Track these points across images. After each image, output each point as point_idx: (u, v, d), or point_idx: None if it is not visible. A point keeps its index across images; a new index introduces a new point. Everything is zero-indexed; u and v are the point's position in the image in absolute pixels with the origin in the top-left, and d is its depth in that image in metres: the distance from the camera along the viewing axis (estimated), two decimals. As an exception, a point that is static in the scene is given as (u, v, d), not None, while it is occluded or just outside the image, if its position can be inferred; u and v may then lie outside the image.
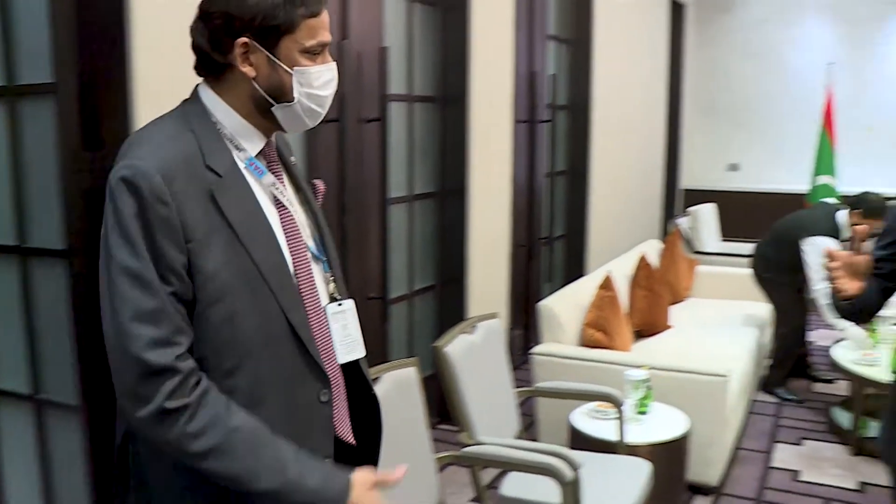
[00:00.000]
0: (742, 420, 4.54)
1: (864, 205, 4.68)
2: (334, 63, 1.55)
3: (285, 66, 1.49)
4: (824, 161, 7.86)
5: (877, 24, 8.97)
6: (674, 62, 8.67)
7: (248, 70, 1.48)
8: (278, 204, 1.55)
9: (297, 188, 1.67)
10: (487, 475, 3.59)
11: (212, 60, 1.49)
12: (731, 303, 5.69)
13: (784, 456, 4.31)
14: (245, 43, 1.45)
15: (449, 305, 4.39)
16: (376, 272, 3.54)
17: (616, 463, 3.05)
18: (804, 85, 9.08)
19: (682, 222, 7.29)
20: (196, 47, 1.50)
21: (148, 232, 1.35)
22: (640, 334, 4.84)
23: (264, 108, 1.51)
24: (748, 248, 7.26)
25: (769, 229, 5.28)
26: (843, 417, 4.53)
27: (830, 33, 9.12)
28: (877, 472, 3.93)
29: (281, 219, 1.55)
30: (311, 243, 1.62)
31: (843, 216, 4.76)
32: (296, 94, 1.51)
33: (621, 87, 6.62)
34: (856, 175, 8.78)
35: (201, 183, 1.42)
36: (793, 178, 9.10)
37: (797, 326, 5.20)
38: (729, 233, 8.23)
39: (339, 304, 1.64)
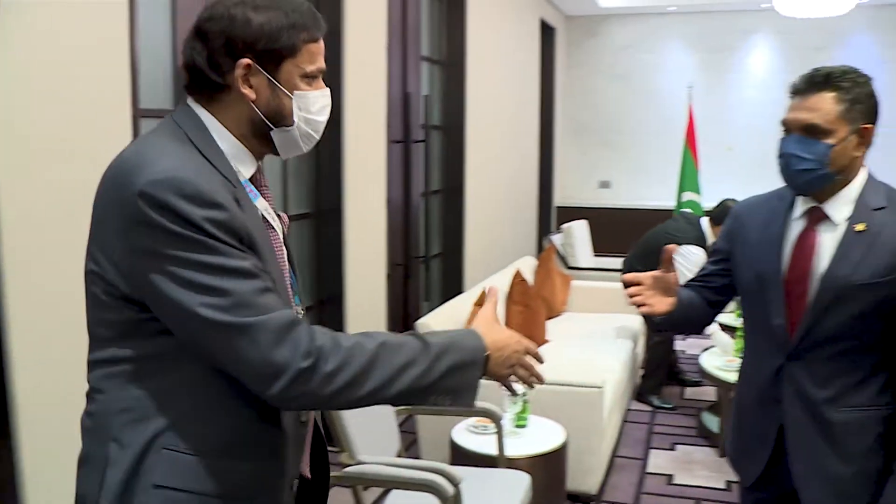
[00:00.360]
0: (618, 429, 4.66)
1: (714, 213, 4.93)
2: (328, 89, 1.54)
3: (286, 90, 1.47)
4: (689, 178, 8.22)
5: (731, 53, 9.49)
6: (545, 83, 8.90)
7: (248, 92, 1.45)
8: (269, 227, 1.53)
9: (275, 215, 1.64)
10: (370, 495, 3.57)
11: (208, 80, 1.45)
12: (605, 316, 5.85)
13: (658, 461, 4.45)
14: (248, 65, 1.43)
15: (328, 326, 4.31)
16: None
17: (496, 476, 3.08)
18: (668, 106, 9.50)
19: (556, 239, 7.47)
20: (190, 66, 1.46)
21: (211, 232, 1.31)
22: (518, 349, 4.90)
23: (261, 131, 1.49)
24: (620, 262, 7.50)
25: (637, 242, 5.48)
26: (712, 421, 4.71)
27: (690, 59, 9.59)
28: (744, 473, 4.10)
29: (272, 242, 1.52)
30: (288, 273, 1.61)
31: (706, 224, 4.99)
32: (295, 119, 1.49)
33: (495, 108, 6.74)
34: (719, 192, 9.14)
35: (226, 190, 1.39)
36: (660, 194, 9.49)
37: (668, 336, 5.40)
38: (601, 248, 8.48)
39: None
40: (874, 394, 1.96)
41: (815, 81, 1.92)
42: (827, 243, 1.98)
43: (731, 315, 5.50)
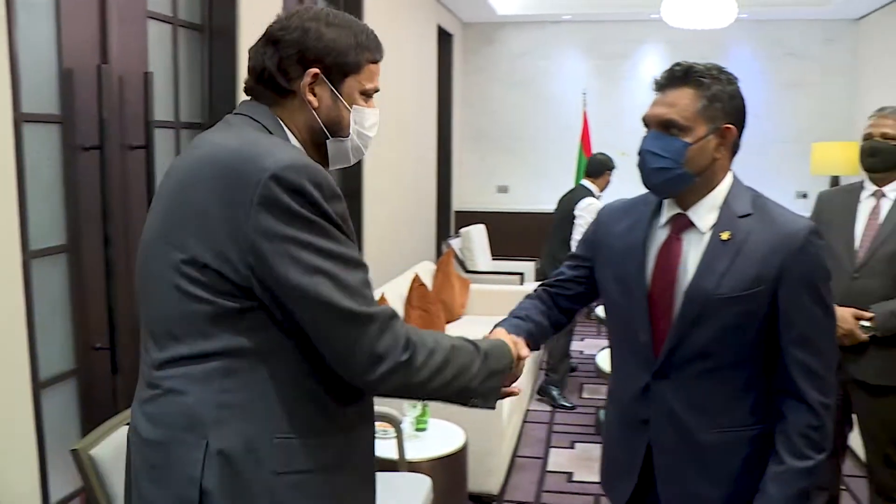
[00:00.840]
0: (518, 429, 4.76)
1: (589, 168, 5.85)
2: (378, 109, 1.67)
3: (346, 103, 1.59)
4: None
5: (624, 60, 9.77)
6: (443, 90, 8.96)
7: (312, 99, 1.56)
8: None
9: None
10: None
11: (276, 84, 1.54)
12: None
13: (559, 460, 4.56)
14: (315, 73, 1.54)
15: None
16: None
17: (397, 480, 3.11)
18: (564, 112, 9.70)
19: (455, 243, 7.54)
20: (259, 69, 1.55)
21: (336, 222, 1.42)
22: (419, 353, 4.95)
23: (319, 139, 1.60)
24: (518, 266, 7.63)
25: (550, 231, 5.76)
26: (607, 420, 4.84)
27: (585, 66, 9.82)
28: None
29: None
30: None
31: (587, 182, 5.78)
32: (350, 131, 1.62)
33: (393, 113, 6.77)
34: (614, 196, 9.42)
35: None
36: (557, 198, 9.67)
37: (569, 329, 5.55)
38: (499, 252, 8.60)
39: None
40: (745, 413, 1.86)
41: (675, 76, 1.84)
42: (692, 253, 1.85)
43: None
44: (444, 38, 8.95)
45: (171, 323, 1.45)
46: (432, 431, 3.55)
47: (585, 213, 5.51)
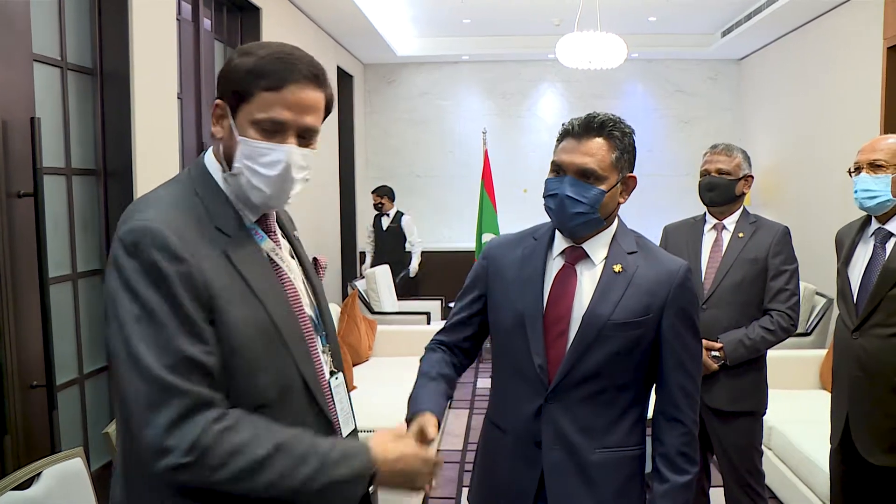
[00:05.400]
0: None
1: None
2: (294, 146, 1.48)
3: (237, 134, 1.46)
4: (488, 220, 8.53)
5: (523, 99, 9.99)
6: (344, 130, 8.96)
7: (216, 130, 1.48)
8: (277, 269, 1.53)
9: (300, 261, 1.65)
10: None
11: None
12: (412, 359, 5.87)
13: (468, 500, 4.52)
14: (218, 104, 1.46)
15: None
16: (38, 358, 3.25)
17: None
18: (466, 150, 9.84)
19: (360, 284, 7.49)
20: None
21: (162, 287, 1.31)
22: (326, 397, 4.87)
23: None
24: (424, 305, 7.63)
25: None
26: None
27: (484, 105, 10.00)
28: None
29: (282, 283, 1.53)
30: (311, 312, 1.60)
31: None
32: (237, 164, 1.46)
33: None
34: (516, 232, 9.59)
35: (213, 242, 1.40)
36: (461, 236, 9.76)
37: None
38: (404, 292, 8.59)
39: (336, 378, 1.63)
40: (625, 434, 1.99)
41: (592, 127, 1.94)
42: (587, 282, 2.00)
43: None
44: (345, 79, 8.97)
45: None
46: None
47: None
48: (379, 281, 7.56)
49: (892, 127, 4.38)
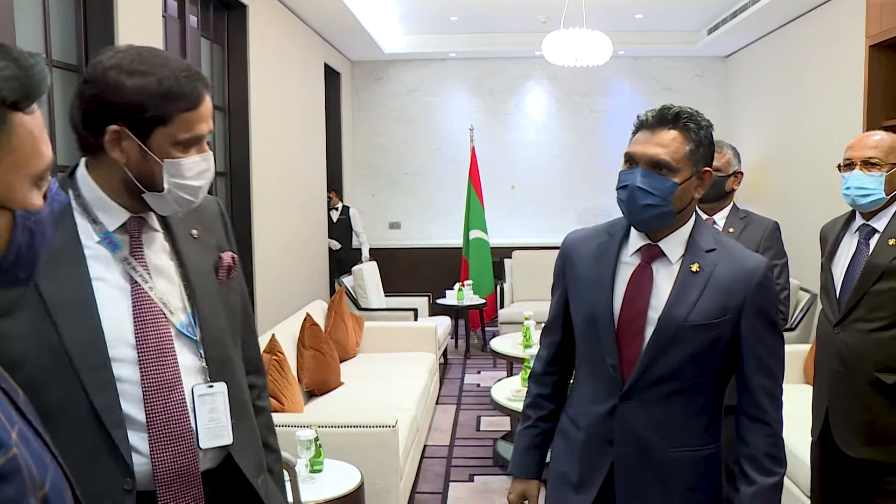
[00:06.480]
0: (416, 465, 4.72)
1: None
2: (210, 153, 1.51)
3: (156, 157, 1.43)
4: (475, 217, 8.56)
5: (510, 96, 10.01)
6: (332, 127, 8.95)
7: (117, 156, 1.43)
8: (132, 280, 1.50)
9: (181, 263, 1.59)
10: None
11: (84, 140, 1.44)
12: (398, 355, 5.94)
13: (458, 493, 4.55)
14: (116, 130, 1.41)
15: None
16: None
17: (293, 525, 3.04)
18: (453, 147, 9.85)
19: (347, 281, 7.50)
20: (72, 124, 1.45)
21: None
22: (313, 394, 4.89)
23: (135, 192, 1.47)
24: (411, 301, 7.66)
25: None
26: (507, 450, 4.88)
27: (472, 102, 10.02)
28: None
29: (132, 294, 1.49)
30: (180, 319, 1.55)
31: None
32: (166, 185, 1.46)
33: (281, 153, 6.71)
34: (504, 228, 9.66)
35: None
36: (449, 233, 9.78)
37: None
38: (392, 288, 8.60)
39: (210, 387, 1.56)
40: (700, 433, 1.98)
41: (666, 118, 1.90)
42: (663, 282, 1.95)
43: (516, 345, 5.77)
44: (332, 76, 8.96)
45: None
46: (328, 472, 3.50)
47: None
48: (366, 277, 7.58)
49: (875, 124, 4.41)
